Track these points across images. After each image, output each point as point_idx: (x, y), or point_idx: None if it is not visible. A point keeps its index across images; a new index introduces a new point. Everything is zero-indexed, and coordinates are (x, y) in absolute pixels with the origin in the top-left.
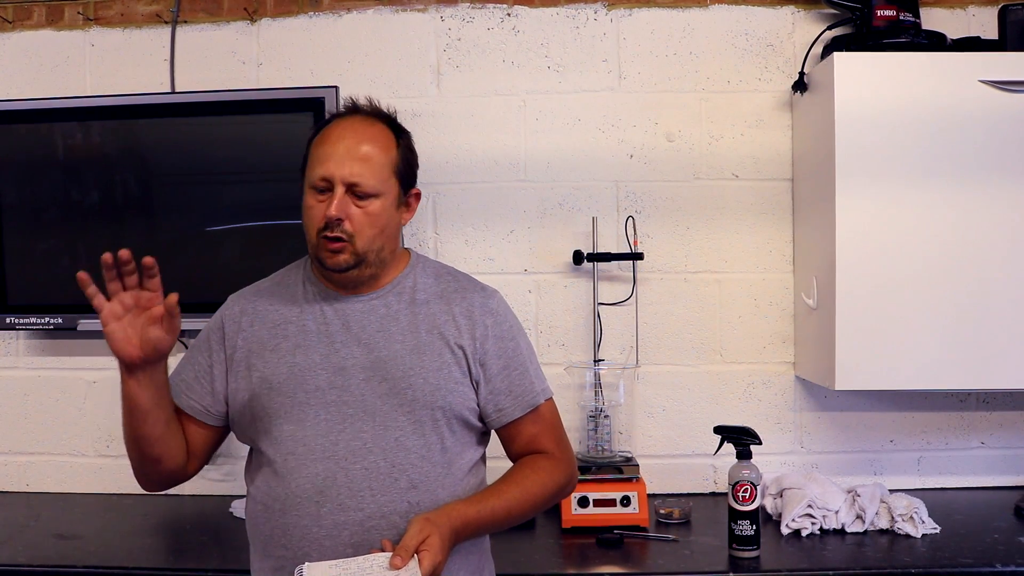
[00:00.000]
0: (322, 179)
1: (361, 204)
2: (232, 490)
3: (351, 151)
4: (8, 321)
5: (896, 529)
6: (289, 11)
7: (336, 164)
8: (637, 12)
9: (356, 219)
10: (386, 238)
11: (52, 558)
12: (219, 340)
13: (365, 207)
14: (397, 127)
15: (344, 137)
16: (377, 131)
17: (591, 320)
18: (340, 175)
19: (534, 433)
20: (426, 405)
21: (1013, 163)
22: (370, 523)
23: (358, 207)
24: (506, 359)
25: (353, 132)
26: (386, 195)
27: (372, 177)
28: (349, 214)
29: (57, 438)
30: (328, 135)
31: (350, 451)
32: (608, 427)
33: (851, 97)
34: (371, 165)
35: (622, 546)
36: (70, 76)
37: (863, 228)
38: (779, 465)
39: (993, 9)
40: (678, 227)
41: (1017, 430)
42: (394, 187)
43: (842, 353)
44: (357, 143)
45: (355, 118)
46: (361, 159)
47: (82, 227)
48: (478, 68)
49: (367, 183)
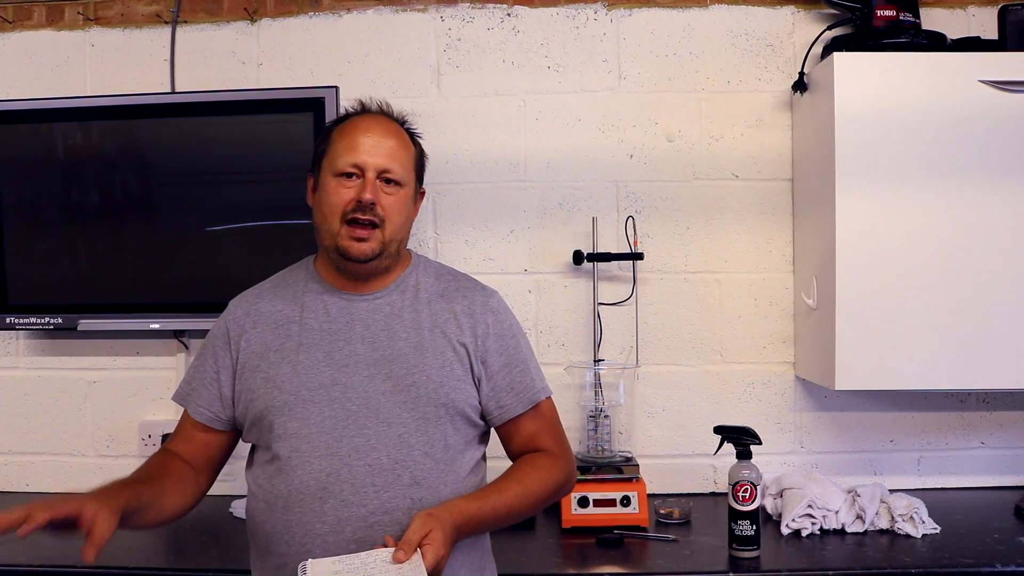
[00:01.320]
0: (353, 166)
1: (390, 191)
2: (232, 490)
3: (381, 142)
4: (8, 321)
5: (896, 529)
6: (289, 11)
7: (368, 152)
8: (637, 12)
9: (388, 205)
10: (406, 230)
11: (52, 558)
12: (224, 345)
13: (394, 194)
14: (410, 130)
15: (373, 129)
16: (398, 128)
17: (591, 320)
18: (373, 162)
19: (534, 431)
20: (429, 402)
21: (1013, 163)
22: (373, 519)
23: (387, 194)
24: (507, 356)
25: (380, 126)
26: (408, 186)
27: (401, 166)
28: (380, 200)
29: (57, 438)
30: (355, 127)
31: (353, 448)
32: (608, 427)
33: (851, 97)
34: (399, 155)
35: (622, 546)
36: (70, 76)
37: (863, 228)
38: (779, 465)
39: (993, 9)
40: (678, 227)
41: (1017, 430)
42: (413, 181)
43: (842, 353)
44: (385, 135)
45: (377, 115)
46: (391, 148)
47: (82, 227)
48: (478, 68)
49: (397, 171)
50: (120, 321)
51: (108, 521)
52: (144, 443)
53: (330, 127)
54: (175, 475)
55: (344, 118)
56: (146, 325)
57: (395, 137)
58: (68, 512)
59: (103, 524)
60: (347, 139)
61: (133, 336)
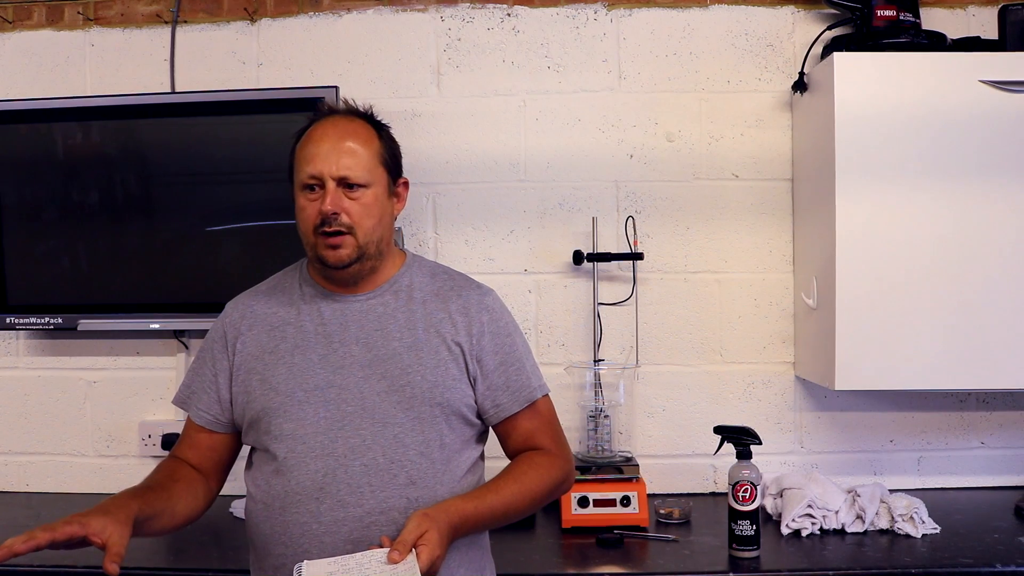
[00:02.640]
0: (311, 177)
1: (354, 196)
2: (232, 490)
3: (336, 147)
4: (8, 321)
5: (896, 529)
6: (289, 11)
7: (323, 161)
8: (637, 12)
9: (353, 211)
10: (384, 228)
11: (52, 558)
12: (222, 348)
13: (359, 198)
14: (375, 121)
15: (327, 135)
16: (357, 126)
17: (591, 320)
18: (328, 170)
19: (531, 429)
20: (425, 402)
21: (1013, 163)
22: (369, 519)
23: (351, 199)
24: (503, 355)
25: (335, 129)
26: (376, 184)
27: (360, 168)
28: (344, 208)
29: (57, 438)
30: (311, 137)
31: (349, 448)
32: (608, 427)
33: (851, 97)
34: (357, 157)
35: (622, 546)
36: (70, 76)
37: (863, 228)
38: (779, 465)
39: (993, 9)
40: (678, 227)
41: (1017, 430)
42: (382, 176)
43: (842, 353)
44: (340, 139)
45: (335, 118)
46: (347, 153)
47: (82, 227)
48: (478, 68)
49: (356, 173)
50: (120, 321)
51: (120, 532)
52: (144, 443)
53: (294, 140)
54: (184, 480)
55: (305, 128)
56: (146, 325)
57: (352, 137)
58: (71, 533)
59: (115, 536)
60: (305, 150)
61: (133, 336)
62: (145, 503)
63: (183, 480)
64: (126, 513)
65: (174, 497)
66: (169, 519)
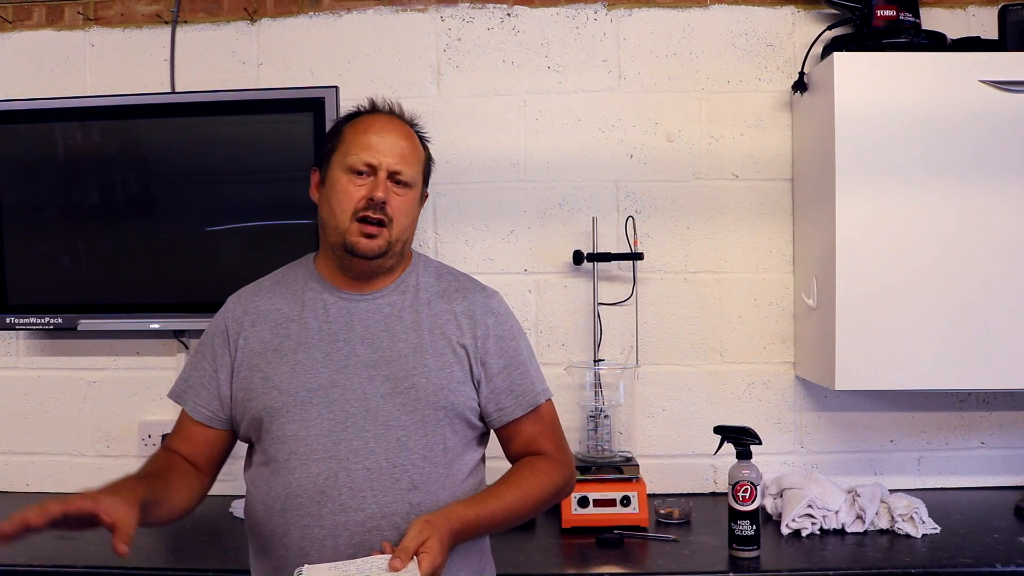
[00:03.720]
0: (367, 164)
1: (399, 192)
2: (232, 490)
3: (395, 143)
4: (8, 321)
5: (896, 529)
6: (289, 11)
7: (382, 152)
8: (637, 12)
9: (396, 205)
10: (411, 231)
11: (52, 558)
12: (223, 343)
13: (403, 195)
14: (420, 133)
15: (388, 129)
16: (410, 131)
17: (591, 320)
18: (387, 162)
19: (533, 433)
20: (429, 405)
21: (1013, 163)
22: (371, 523)
23: (396, 194)
24: (507, 359)
25: (394, 127)
26: (416, 188)
27: (411, 168)
28: (390, 200)
29: (57, 438)
30: (370, 125)
31: (352, 451)
32: (608, 427)
33: (851, 97)
34: (411, 158)
35: (622, 546)
36: (70, 76)
37: (863, 228)
38: (779, 465)
39: (993, 9)
40: (678, 227)
41: (1017, 430)
42: (420, 184)
43: (842, 353)
44: (399, 137)
45: (391, 116)
46: (403, 150)
47: (82, 227)
48: (478, 68)
49: (408, 173)
50: (120, 321)
51: (129, 513)
52: (144, 443)
53: (341, 123)
54: (180, 471)
55: (356, 115)
56: (146, 325)
57: (407, 139)
58: (82, 507)
59: (125, 516)
60: (361, 137)
61: (133, 336)
62: (148, 489)
63: (178, 471)
64: (135, 495)
65: (172, 488)
66: (167, 509)
